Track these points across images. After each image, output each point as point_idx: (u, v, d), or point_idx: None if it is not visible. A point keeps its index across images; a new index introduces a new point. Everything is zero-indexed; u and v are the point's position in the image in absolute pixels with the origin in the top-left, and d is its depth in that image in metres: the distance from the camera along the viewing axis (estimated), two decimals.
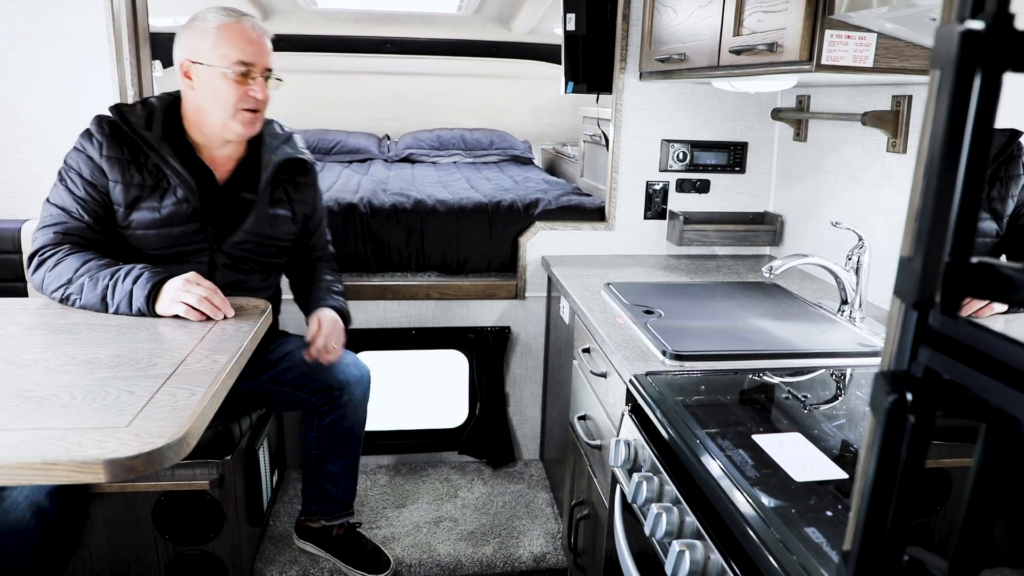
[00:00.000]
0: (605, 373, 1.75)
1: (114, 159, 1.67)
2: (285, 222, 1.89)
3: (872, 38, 1.40)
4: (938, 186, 0.55)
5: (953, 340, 0.59)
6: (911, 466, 0.60)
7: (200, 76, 1.66)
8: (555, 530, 2.44)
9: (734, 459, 1.16)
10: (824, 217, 2.30)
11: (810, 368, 1.60)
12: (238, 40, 1.65)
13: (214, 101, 1.67)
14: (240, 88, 1.66)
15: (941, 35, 0.53)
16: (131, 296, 1.52)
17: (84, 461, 0.96)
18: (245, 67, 1.66)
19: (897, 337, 0.64)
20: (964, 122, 0.53)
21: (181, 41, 1.70)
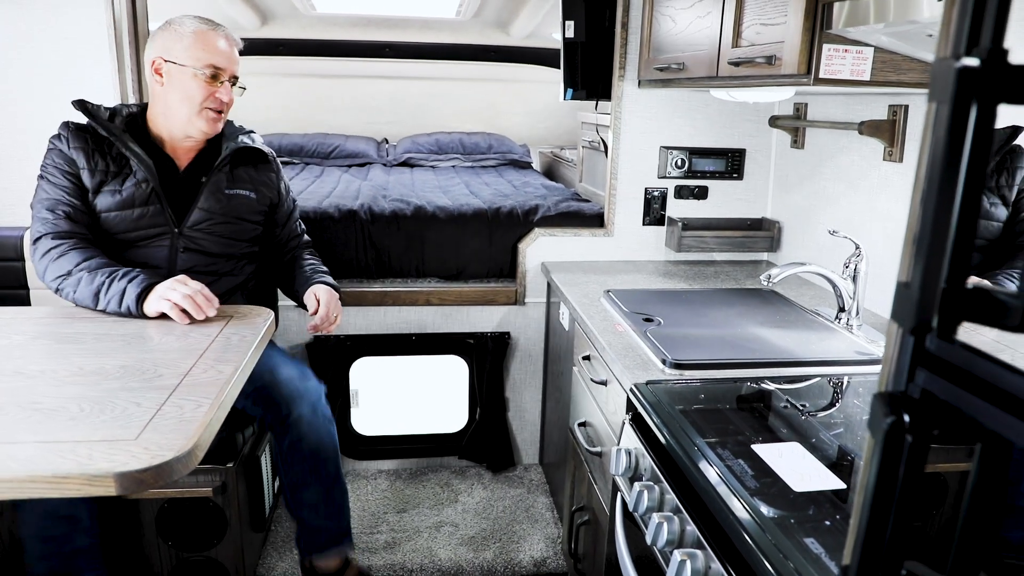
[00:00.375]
0: (605, 381, 1.77)
1: (79, 148, 1.78)
2: (247, 202, 1.95)
3: (869, 52, 1.42)
4: (935, 214, 0.57)
5: (949, 363, 0.61)
6: (908, 483, 0.62)
7: (171, 74, 1.78)
8: (555, 535, 2.46)
9: (734, 469, 1.18)
10: (821, 224, 2.32)
11: (808, 376, 1.61)
12: (211, 45, 1.79)
13: (182, 98, 1.79)
14: (208, 89, 1.79)
15: (938, 70, 0.55)
16: (123, 295, 1.59)
17: (95, 475, 0.98)
18: (215, 70, 1.79)
19: (895, 359, 0.66)
20: (960, 152, 0.55)
21: (155, 41, 1.81)
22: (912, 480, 0.62)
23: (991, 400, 0.57)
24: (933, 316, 0.59)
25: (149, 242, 1.84)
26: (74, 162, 1.79)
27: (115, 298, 1.60)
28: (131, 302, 1.59)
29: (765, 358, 1.65)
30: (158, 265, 1.84)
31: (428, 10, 4.37)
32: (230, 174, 1.93)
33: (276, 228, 2.10)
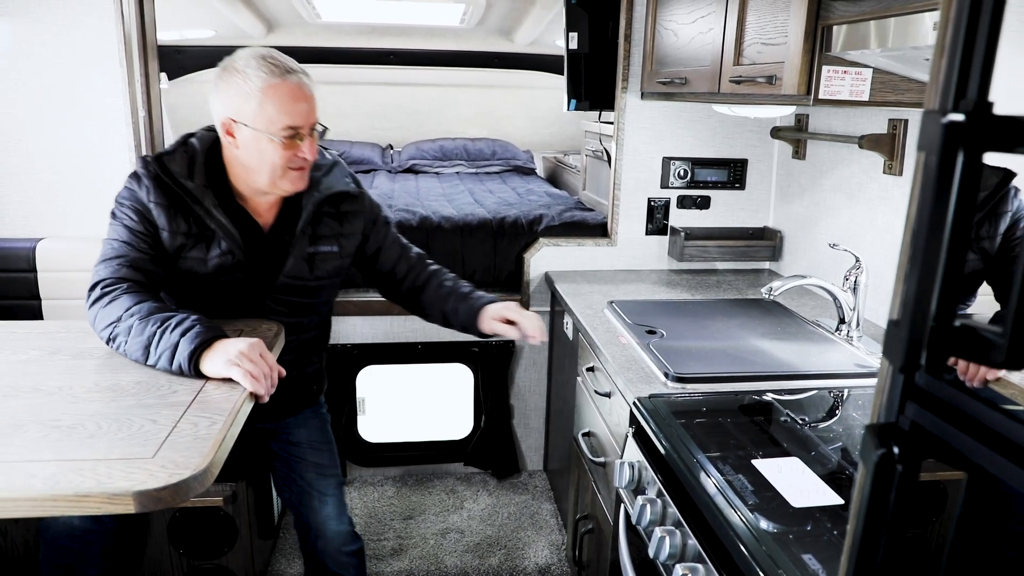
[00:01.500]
0: (609, 393, 1.80)
1: (160, 205, 1.57)
2: (329, 259, 1.72)
3: (868, 73, 1.45)
4: (924, 256, 0.60)
5: (937, 398, 0.64)
6: (899, 511, 0.65)
7: (244, 136, 1.52)
8: (559, 541, 2.49)
9: (734, 484, 1.21)
10: (822, 234, 2.34)
11: (808, 389, 1.64)
12: (285, 104, 1.50)
13: (260, 164, 1.54)
14: (288, 153, 1.53)
15: (926, 123, 0.58)
16: (175, 349, 1.37)
17: (115, 493, 1.01)
18: (293, 131, 1.52)
19: (887, 392, 0.69)
20: (948, 198, 0.58)
21: (221, 96, 1.53)
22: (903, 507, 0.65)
23: (975, 435, 0.60)
24: (922, 354, 0.62)
25: (236, 307, 1.66)
26: (151, 216, 1.57)
27: (166, 353, 1.37)
28: (184, 360, 1.36)
29: (766, 371, 1.68)
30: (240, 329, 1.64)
31: (432, 18, 4.40)
32: (313, 231, 1.69)
33: (374, 260, 1.82)
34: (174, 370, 1.37)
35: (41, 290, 2.29)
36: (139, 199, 1.57)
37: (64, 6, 2.29)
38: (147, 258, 1.57)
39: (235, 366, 1.34)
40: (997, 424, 0.59)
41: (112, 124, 2.40)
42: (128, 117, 2.39)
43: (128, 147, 2.41)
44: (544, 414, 2.89)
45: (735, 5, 1.74)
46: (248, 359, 1.35)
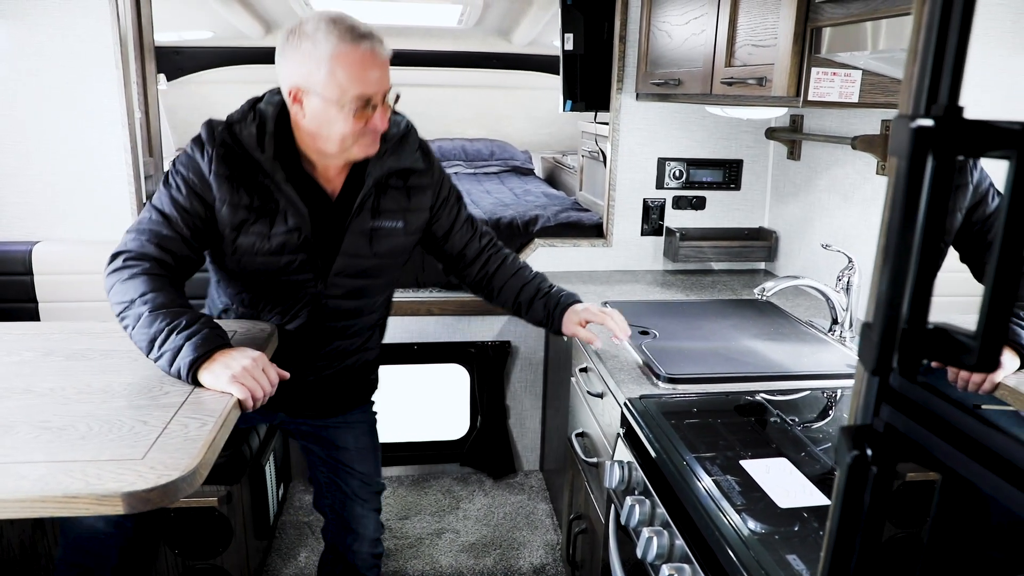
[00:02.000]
0: (602, 393, 1.80)
1: (223, 177, 1.48)
2: (392, 236, 1.62)
3: (857, 75, 1.45)
4: (895, 260, 0.60)
5: (910, 400, 0.64)
6: (875, 510, 0.65)
7: (312, 105, 1.43)
8: (554, 541, 2.49)
9: (722, 485, 1.21)
10: (817, 234, 2.35)
11: (800, 389, 1.65)
12: (357, 72, 1.39)
13: (329, 134, 1.46)
14: (359, 123, 1.44)
15: (897, 128, 0.58)
16: (177, 353, 1.33)
17: (104, 494, 1.01)
18: (364, 100, 1.42)
19: (863, 395, 0.69)
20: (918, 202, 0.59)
21: (288, 62, 1.43)
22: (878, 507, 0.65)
23: (946, 438, 0.60)
24: (894, 356, 0.63)
25: (292, 288, 1.59)
26: (211, 189, 1.48)
27: (168, 354, 1.34)
28: (183, 367, 1.32)
29: (758, 371, 1.69)
30: (297, 313, 1.62)
31: (430, 19, 4.41)
32: (377, 203, 1.59)
33: (442, 239, 1.74)
34: (172, 373, 1.34)
35: (38, 293, 2.29)
36: (199, 170, 1.48)
37: (60, 8, 2.30)
38: (181, 240, 1.48)
39: (238, 383, 1.31)
40: (968, 427, 0.59)
41: (109, 126, 2.41)
42: (124, 119, 2.40)
43: (124, 149, 2.42)
44: (540, 415, 2.90)
45: (727, 7, 1.74)
46: (251, 376, 1.32)
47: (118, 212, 2.46)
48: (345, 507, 1.82)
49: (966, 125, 0.57)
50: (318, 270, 1.57)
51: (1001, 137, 0.55)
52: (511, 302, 1.78)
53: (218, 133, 1.49)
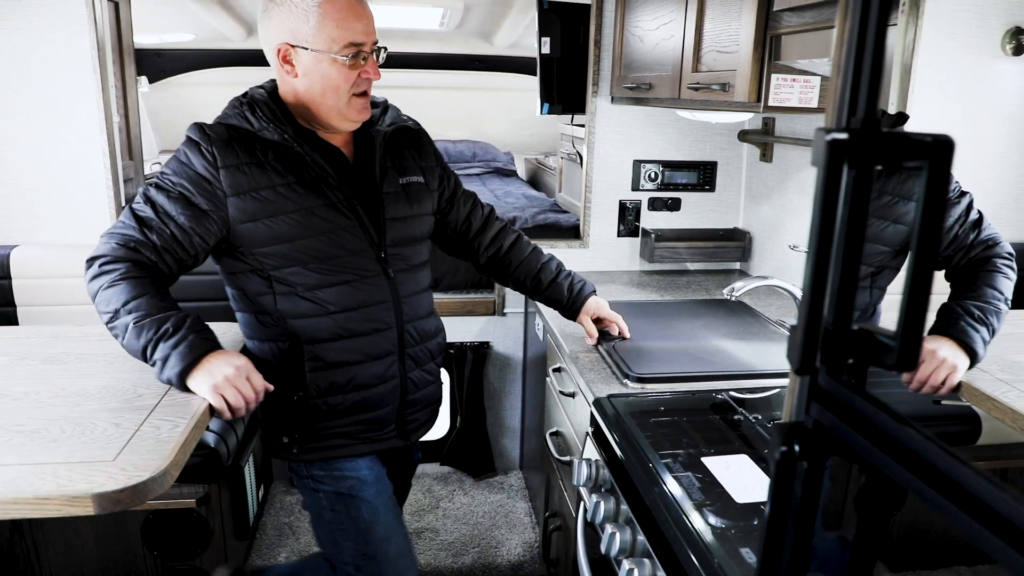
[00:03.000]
0: (574, 393, 1.83)
1: (232, 167, 1.40)
2: (421, 192, 1.59)
3: (816, 80, 1.49)
4: (816, 265, 0.64)
5: (835, 398, 0.68)
6: (806, 502, 0.69)
7: (303, 62, 1.39)
8: (532, 540, 2.52)
9: (683, 482, 1.24)
10: (789, 235, 2.39)
11: (768, 388, 1.68)
12: (346, 18, 1.37)
13: (324, 89, 1.41)
14: (352, 72, 1.40)
15: (816, 140, 0.62)
16: (165, 363, 1.32)
17: (74, 496, 1.04)
18: (356, 48, 1.39)
19: (796, 393, 0.73)
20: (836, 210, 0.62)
21: (273, 21, 1.40)
22: (810, 500, 0.69)
23: (866, 434, 0.64)
24: (816, 356, 0.66)
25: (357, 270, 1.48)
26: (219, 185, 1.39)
27: (158, 365, 1.33)
28: (173, 376, 1.32)
29: (725, 370, 1.72)
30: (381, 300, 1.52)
31: (412, 22, 4.43)
32: (393, 161, 1.55)
33: (451, 207, 1.71)
34: (164, 382, 1.35)
35: (16, 297, 2.30)
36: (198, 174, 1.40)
37: (38, 14, 2.31)
38: (170, 237, 1.40)
39: (218, 394, 1.31)
40: (884, 424, 0.63)
41: (87, 130, 2.42)
42: (103, 123, 2.41)
43: (103, 153, 2.43)
44: (520, 414, 2.93)
45: (693, 13, 1.78)
46: (232, 385, 1.32)
47: (97, 216, 2.47)
48: None
49: (882, 137, 0.61)
50: (373, 243, 1.49)
51: (914, 148, 0.58)
52: (529, 279, 1.78)
53: (214, 129, 1.43)
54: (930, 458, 0.57)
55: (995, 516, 0.51)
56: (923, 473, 0.57)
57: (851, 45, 0.64)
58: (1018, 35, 1.67)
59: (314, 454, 1.54)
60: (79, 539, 1.99)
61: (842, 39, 0.65)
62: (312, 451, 1.53)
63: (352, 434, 1.54)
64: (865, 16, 0.63)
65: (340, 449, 1.54)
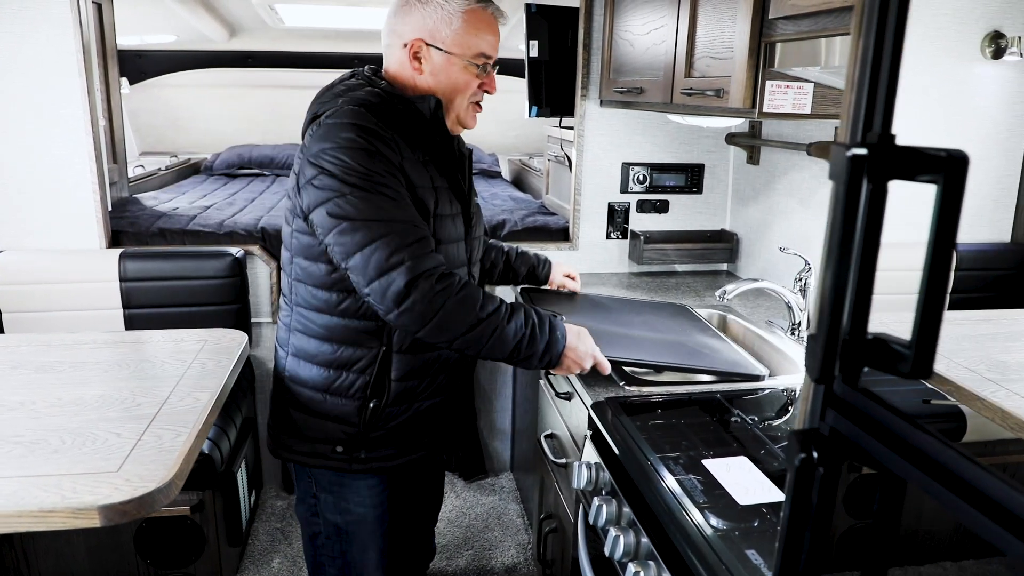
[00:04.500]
0: (569, 395, 1.84)
1: (413, 161, 1.40)
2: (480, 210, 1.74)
3: (809, 87, 1.51)
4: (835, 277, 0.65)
5: (852, 406, 0.69)
6: (823, 507, 0.70)
7: (435, 62, 1.43)
8: (526, 541, 2.53)
9: (685, 484, 1.26)
10: (776, 236, 2.42)
11: (759, 388, 1.71)
12: (486, 32, 1.45)
13: (451, 91, 1.46)
14: (476, 81, 1.47)
15: (835, 156, 0.63)
16: (548, 349, 1.42)
17: (80, 508, 1.03)
18: (486, 60, 1.47)
19: (809, 400, 0.74)
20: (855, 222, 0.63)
21: (412, 16, 1.42)
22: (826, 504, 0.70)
23: (883, 440, 0.65)
24: (836, 365, 0.68)
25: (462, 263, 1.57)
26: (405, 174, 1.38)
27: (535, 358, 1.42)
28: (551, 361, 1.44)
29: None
30: None
31: None
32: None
33: None
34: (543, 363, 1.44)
35: (1, 303, 2.27)
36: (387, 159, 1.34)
37: (21, 17, 2.28)
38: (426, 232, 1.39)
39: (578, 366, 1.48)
40: (901, 430, 0.64)
41: (72, 134, 2.39)
42: (88, 127, 2.38)
43: (89, 157, 2.40)
44: (511, 415, 2.93)
45: (686, 18, 1.79)
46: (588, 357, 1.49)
47: (83, 220, 2.44)
48: None
49: (898, 152, 0.62)
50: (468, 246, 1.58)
51: (929, 163, 0.60)
52: (499, 257, 1.94)
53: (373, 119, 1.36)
54: (951, 465, 0.59)
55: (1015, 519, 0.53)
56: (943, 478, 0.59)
57: (867, 61, 0.65)
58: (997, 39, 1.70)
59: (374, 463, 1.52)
60: (70, 548, 1.96)
61: (857, 55, 0.67)
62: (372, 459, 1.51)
63: (413, 440, 1.55)
64: (881, 32, 0.64)
65: (396, 459, 1.54)
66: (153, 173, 4.07)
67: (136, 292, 2.35)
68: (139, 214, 2.78)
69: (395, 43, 1.44)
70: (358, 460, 1.50)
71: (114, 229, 2.52)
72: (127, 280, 2.34)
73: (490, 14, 1.46)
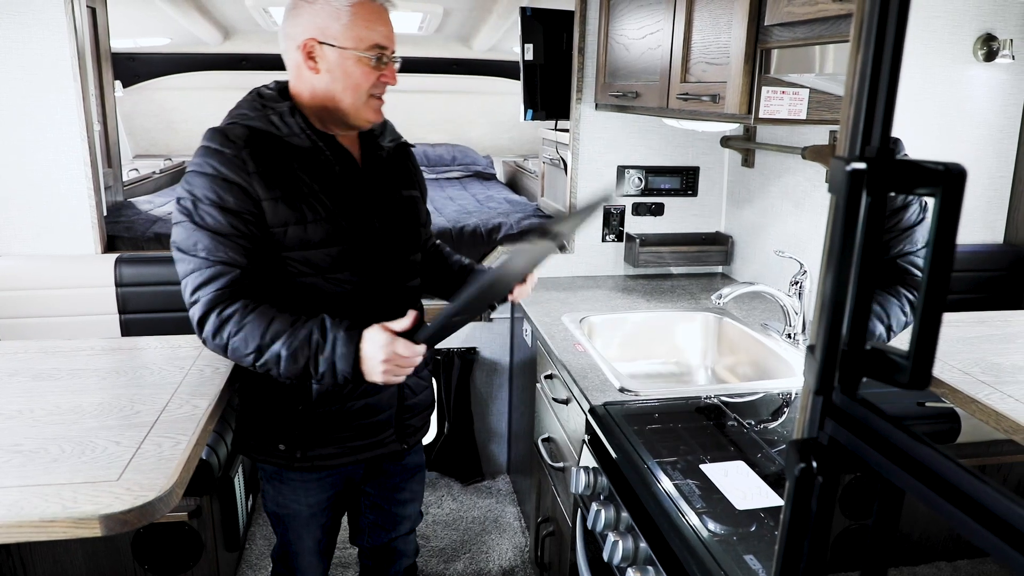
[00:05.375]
0: (567, 400, 1.85)
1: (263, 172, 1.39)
2: (418, 202, 1.66)
3: (805, 93, 1.52)
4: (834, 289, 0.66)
5: (851, 416, 0.70)
6: (821, 515, 0.71)
7: (329, 59, 1.42)
8: (523, 544, 2.54)
9: (683, 489, 1.27)
10: (771, 239, 2.43)
11: (756, 391, 1.72)
12: (375, 22, 1.42)
13: (346, 87, 1.44)
14: (374, 74, 1.44)
15: (835, 169, 0.64)
16: (334, 369, 1.35)
17: (81, 517, 1.03)
18: (380, 51, 1.43)
19: (808, 410, 0.75)
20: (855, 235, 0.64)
21: (301, 18, 1.42)
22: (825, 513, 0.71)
23: (882, 451, 0.66)
24: (835, 376, 0.68)
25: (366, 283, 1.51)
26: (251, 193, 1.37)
27: (328, 372, 1.35)
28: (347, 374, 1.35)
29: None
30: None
31: None
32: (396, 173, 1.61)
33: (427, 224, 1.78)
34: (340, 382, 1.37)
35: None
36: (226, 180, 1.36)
37: (15, 21, 2.27)
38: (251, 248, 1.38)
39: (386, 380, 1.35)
40: (900, 441, 0.65)
41: (67, 138, 2.38)
42: (83, 132, 2.38)
43: (84, 162, 2.40)
44: (507, 418, 2.94)
45: (681, 24, 1.80)
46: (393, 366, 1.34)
47: (78, 225, 2.43)
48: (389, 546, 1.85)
49: (896, 165, 0.63)
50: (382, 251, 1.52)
51: (927, 176, 0.60)
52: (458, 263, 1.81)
53: (235, 132, 1.40)
54: (948, 476, 0.60)
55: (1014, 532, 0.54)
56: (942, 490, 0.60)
57: (866, 74, 0.66)
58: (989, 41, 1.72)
59: (315, 461, 1.56)
60: (68, 554, 1.96)
61: (856, 68, 0.67)
62: (312, 458, 1.55)
63: (352, 440, 1.56)
64: (880, 45, 0.65)
65: (340, 458, 1.56)
66: (148, 177, 4.06)
67: (132, 297, 2.35)
68: (134, 218, 2.77)
69: (290, 47, 1.44)
70: (296, 459, 1.55)
71: (109, 234, 2.52)
72: (123, 285, 2.34)
73: (379, 5, 1.44)
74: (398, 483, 1.77)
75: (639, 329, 2.22)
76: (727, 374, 2.11)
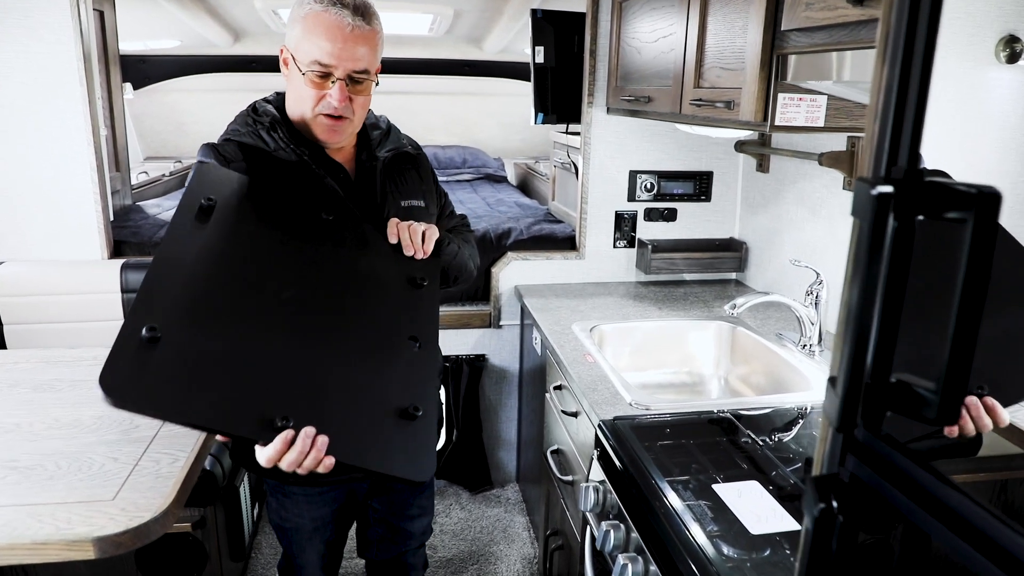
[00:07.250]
0: (576, 412, 1.81)
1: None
2: (422, 214, 1.56)
3: (823, 100, 1.48)
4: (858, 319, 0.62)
5: (874, 453, 0.65)
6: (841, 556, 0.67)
7: (288, 68, 1.38)
8: (531, 555, 2.50)
9: (695, 510, 1.23)
10: (786, 246, 2.38)
11: (770, 405, 1.67)
12: (319, 36, 1.32)
13: (294, 100, 1.41)
14: (312, 91, 1.36)
15: (859, 192, 0.59)
16: None
17: (74, 540, 1.01)
18: (323, 69, 1.34)
19: (828, 444, 0.71)
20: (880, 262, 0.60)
21: (287, 23, 1.40)
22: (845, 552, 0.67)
23: (906, 491, 0.62)
24: (858, 412, 0.64)
25: None
26: None
27: None
28: None
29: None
30: None
31: (401, 27, 4.39)
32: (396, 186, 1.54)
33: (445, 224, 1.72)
34: None
35: (3, 316, 2.25)
36: None
37: (21, 25, 2.26)
38: None
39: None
40: (926, 482, 0.61)
41: (74, 143, 2.36)
42: (90, 136, 2.36)
43: (91, 167, 2.38)
44: (516, 426, 2.90)
45: (695, 27, 1.76)
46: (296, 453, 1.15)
47: (85, 231, 2.42)
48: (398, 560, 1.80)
49: (925, 188, 0.59)
50: None
51: (958, 199, 0.56)
52: None
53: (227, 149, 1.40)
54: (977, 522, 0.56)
55: None
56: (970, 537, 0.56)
57: (892, 90, 0.62)
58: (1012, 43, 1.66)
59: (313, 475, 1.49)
60: (70, 565, 1.94)
61: (881, 84, 0.63)
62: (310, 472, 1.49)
63: None
64: (908, 58, 0.61)
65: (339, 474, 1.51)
66: (156, 180, 4.05)
67: None
68: (141, 223, 2.76)
69: None
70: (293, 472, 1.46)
71: (116, 239, 2.50)
72: (129, 291, 2.31)
73: (333, 18, 1.32)
74: (407, 499, 1.73)
75: (651, 338, 2.18)
76: (741, 385, 2.06)
